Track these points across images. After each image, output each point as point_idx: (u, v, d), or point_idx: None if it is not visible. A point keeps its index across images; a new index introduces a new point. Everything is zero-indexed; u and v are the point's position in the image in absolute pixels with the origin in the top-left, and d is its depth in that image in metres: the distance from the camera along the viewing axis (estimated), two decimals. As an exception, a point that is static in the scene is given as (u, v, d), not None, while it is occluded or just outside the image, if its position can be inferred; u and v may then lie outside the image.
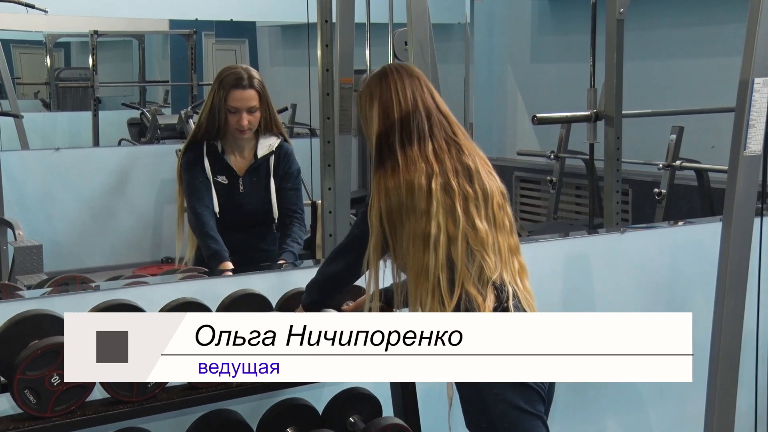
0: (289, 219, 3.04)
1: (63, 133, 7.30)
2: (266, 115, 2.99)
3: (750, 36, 2.22)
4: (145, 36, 8.05)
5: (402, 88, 2.03)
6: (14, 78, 7.19)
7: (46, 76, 7.86)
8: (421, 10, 2.84)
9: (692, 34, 5.58)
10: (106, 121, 6.83)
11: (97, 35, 6.88)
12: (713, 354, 2.37)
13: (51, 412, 1.90)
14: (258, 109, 2.93)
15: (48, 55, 7.85)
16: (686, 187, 4.90)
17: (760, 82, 2.23)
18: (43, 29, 7.50)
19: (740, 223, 2.30)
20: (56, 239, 5.17)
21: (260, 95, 2.93)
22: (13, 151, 5.63)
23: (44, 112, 7.77)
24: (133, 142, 6.73)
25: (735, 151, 2.28)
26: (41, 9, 4.86)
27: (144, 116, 6.72)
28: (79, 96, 7.77)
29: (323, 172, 3.27)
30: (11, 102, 6.25)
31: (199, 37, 7.21)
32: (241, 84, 2.89)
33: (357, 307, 2.26)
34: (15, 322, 1.92)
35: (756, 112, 2.24)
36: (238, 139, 2.96)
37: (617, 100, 3.54)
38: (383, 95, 2.04)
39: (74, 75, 8.00)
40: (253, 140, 3.01)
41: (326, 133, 3.26)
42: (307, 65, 3.46)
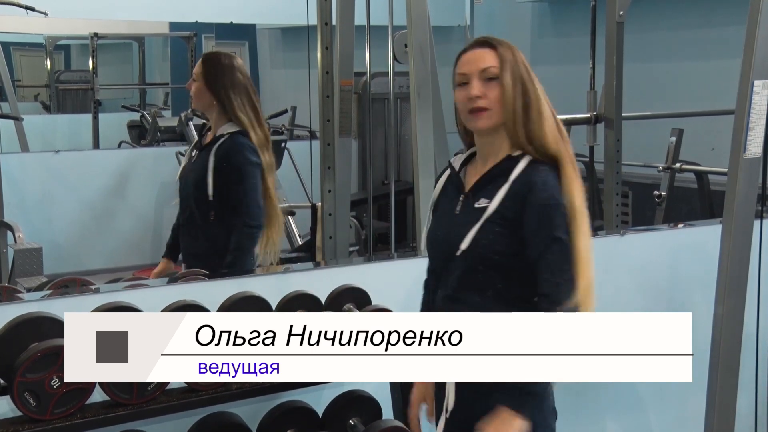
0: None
1: (63, 135, 7.31)
2: (220, 101, 2.94)
3: (750, 38, 2.23)
4: (145, 38, 8.06)
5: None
6: (14, 80, 7.21)
7: (46, 78, 7.87)
8: (421, 12, 2.84)
9: (692, 36, 5.59)
10: (106, 124, 6.83)
11: (97, 38, 6.88)
12: (713, 355, 2.37)
13: (51, 414, 1.89)
14: (198, 83, 2.94)
15: (48, 58, 7.86)
16: (686, 189, 4.90)
17: (760, 84, 2.23)
18: (43, 32, 7.51)
19: (740, 226, 2.31)
20: (56, 241, 5.17)
21: (203, 74, 2.93)
22: (13, 154, 5.64)
23: (44, 114, 7.78)
24: (133, 145, 6.73)
25: (735, 153, 2.28)
26: (41, 11, 4.87)
27: (144, 118, 6.72)
28: (79, 98, 7.78)
29: (323, 175, 3.27)
30: (11, 104, 6.26)
31: (199, 40, 7.21)
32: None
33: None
34: (15, 325, 1.92)
35: (756, 115, 2.25)
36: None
37: (617, 103, 3.55)
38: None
39: (74, 77, 8.02)
40: (217, 121, 2.97)
41: (326, 135, 3.26)
42: (307, 67, 3.46)
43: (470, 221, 1.88)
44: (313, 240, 3.98)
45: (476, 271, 1.89)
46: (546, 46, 6.65)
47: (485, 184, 1.91)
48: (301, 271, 2.75)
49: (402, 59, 3.62)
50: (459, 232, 1.89)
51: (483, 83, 1.86)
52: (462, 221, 1.90)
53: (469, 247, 1.86)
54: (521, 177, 1.88)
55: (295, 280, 2.50)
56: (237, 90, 2.92)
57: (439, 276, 1.96)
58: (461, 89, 1.89)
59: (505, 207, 1.87)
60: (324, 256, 3.31)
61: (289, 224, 5.03)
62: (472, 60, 1.88)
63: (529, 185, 1.87)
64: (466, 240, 1.87)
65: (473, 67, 1.87)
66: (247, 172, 2.87)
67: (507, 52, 1.88)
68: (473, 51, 1.90)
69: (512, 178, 1.87)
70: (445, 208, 1.97)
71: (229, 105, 2.91)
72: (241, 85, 2.93)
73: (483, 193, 1.91)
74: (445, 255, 1.92)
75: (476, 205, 1.90)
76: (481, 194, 1.91)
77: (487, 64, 1.87)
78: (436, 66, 3.31)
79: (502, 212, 1.88)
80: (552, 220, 1.87)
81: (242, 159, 2.87)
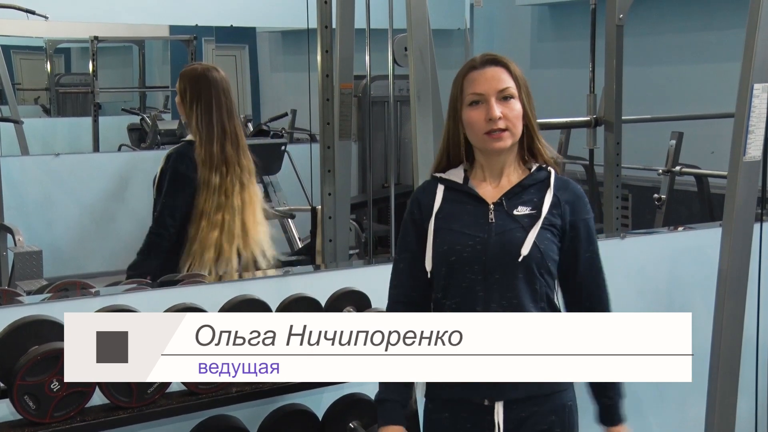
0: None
1: (63, 138, 7.30)
2: (185, 113, 2.97)
3: (749, 42, 2.23)
4: (146, 41, 8.06)
5: None
6: (14, 84, 7.20)
7: (47, 81, 7.87)
8: (421, 15, 2.84)
9: (692, 39, 5.60)
10: (106, 127, 6.82)
11: (98, 41, 6.88)
12: (713, 358, 2.37)
13: (50, 418, 1.89)
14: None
15: (48, 61, 7.85)
16: (686, 192, 4.90)
17: (760, 87, 2.23)
18: (43, 35, 7.50)
19: (740, 229, 2.31)
20: (56, 245, 5.16)
21: (177, 89, 2.95)
22: (14, 157, 5.63)
23: (44, 117, 7.77)
24: (133, 148, 6.73)
25: (735, 156, 2.28)
26: (41, 15, 4.87)
27: (144, 122, 6.73)
28: (80, 101, 7.77)
29: (323, 178, 3.26)
30: (11, 108, 6.26)
31: (199, 43, 7.21)
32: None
33: None
34: (15, 328, 1.92)
35: (755, 118, 2.25)
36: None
37: (617, 106, 3.55)
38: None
39: (74, 81, 8.01)
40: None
41: (326, 138, 3.26)
42: (307, 71, 3.46)
43: (520, 227, 1.87)
44: (313, 243, 3.98)
45: (535, 280, 1.87)
46: (546, 50, 6.66)
47: (518, 192, 1.90)
48: (301, 274, 2.75)
49: (402, 62, 3.62)
50: (510, 238, 1.85)
51: (500, 103, 1.85)
52: (508, 227, 1.87)
53: (530, 252, 1.85)
54: (558, 185, 1.91)
55: (295, 283, 2.50)
56: (201, 104, 2.90)
57: (483, 287, 1.86)
58: (476, 109, 1.87)
59: (552, 214, 1.89)
60: (324, 259, 3.31)
61: (289, 227, 5.04)
62: (488, 79, 1.87)
63: (573, 195, 1.92)
64: (526, 245, 1.84)
65: (490, 88, 1.86)
66: (170, 180, 2.89)
67: (517, 70, 1.90)
68: (485, 70, 1.88)
69: (552, 188, 1.90)
70: (466, 219, 1.89)
71: (188, 119, 2.93)
72: (208, 99, 2.91)
73: (519, 202, 1.90)
74: (499, 262, 1.85)
75: (516, 212, 1.88)
76: (517, 203, 1.89)
77: (505, 85, 1.86)
78: (436, 69, 3.30)
79: (551, 219, 1.89)
80: (593, 233, 1.95)
81: (169, 167, 2.90)
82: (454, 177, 1.95)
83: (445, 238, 1.89)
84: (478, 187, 1.93)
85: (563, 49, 6.42)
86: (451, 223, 1.90)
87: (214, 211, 2.86)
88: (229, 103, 2.94)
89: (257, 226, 2.95)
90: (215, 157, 2.88)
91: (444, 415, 1.92)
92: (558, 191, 1.91)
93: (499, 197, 1.90)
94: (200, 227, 2.86)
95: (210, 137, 2.89)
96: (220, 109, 2.91)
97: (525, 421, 1.87)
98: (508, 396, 1.86)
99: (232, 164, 2.90)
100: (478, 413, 1.88)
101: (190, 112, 2.91)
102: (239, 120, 3.00)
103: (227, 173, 2.89)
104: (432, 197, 1.94)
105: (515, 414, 1.87)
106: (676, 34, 5.67)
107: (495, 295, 1.86)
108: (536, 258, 1.85)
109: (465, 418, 1.89)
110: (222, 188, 2.88)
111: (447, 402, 1.92)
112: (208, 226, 2.86)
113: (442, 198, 1.93)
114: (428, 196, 1.95)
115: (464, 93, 1.88)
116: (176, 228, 2.88)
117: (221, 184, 2.88)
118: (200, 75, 2.92)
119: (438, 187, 1.94)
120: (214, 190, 2.87)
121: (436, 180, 1.96)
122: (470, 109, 1.87)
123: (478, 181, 1.94)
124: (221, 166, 2.88)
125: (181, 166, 2.88)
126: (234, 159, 2.91)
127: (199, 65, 3.01)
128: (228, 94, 2.95)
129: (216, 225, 2.86)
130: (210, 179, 2.87)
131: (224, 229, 2.86)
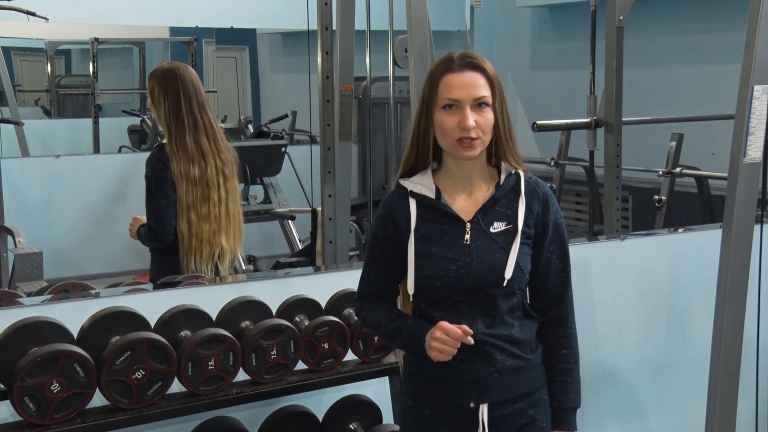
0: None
1: (63, 140, 7.30)
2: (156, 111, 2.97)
3: (749, 44, 2.23)
4: (146, 43, 8.05)
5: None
6: (15, 85, 7.19)
7: (47, 83, 7.86)
8: (422, 17, 2.84)
9: (692, 41, 5.60)
10: (106, 128, 6.82)
11: (98, 42, 6.88)
12: (714, 361, 2.37)
13: (50, 419, 1.89)
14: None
15: (49, 63, 7.85)
16: (686, 194, 4.90)
17: (760, 89, 2.23)
18: (43, 36, 7.50)
19: (740, 230, 2.31)
20: (56, 246, 5.16)
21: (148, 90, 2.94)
22: (14, 158, 5.62)
23: (45, 119, 7.76)
24: (134, 149, 6.73)
25: (735, 158, 2.28)
26: (42, 16, 4.88)
27: (144, 123, 6.73)
28: (80, 103, 7.77)
29: (323, 179, 3.26)
30: (12, 109, 6.25)
31: (200, 45, 7.21)
32: None
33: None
34: (15, 329, 1.92)
35: (756, 120, 2.25)
36: None
37: (617, 107, 3.55)
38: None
39: (75, 82, 8.01)
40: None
41: (326, 139, 3.26)
42: (308, 72, 3.46)
43: (500, 247, 1.84)
44: (314, 244, 3.98)
45: (514, 295, 1.86)
46: (546, 51, 6.66)
47: (491, 206, 1.87)
48: (302, 276, 2.76)
49: (402, 64, 3.63)
50: (492, 261, 1.83)
51: (474, 111, 1.80)
52: (489, 249, 1.84)
53: (513, 274, 1.83)
54: (528, 192, 1.89)
55: (296, 284, 2.50)
56: (169, 97, 2.89)
57: (468, 305, 1.84)
58: (450, 114, 1.81)
59: (527, 226, 1.88)
60: (324, 260, 3.31)
61: (289, 228, 5.04)
62: (465, 86, 1.81)
63: (542, 199, 1.90)
64: (509, 268, 1.83)
65: (467, 95, 1.80)
66: (147, 183, 2.93)
67: (493, 72, 1.84)
68: (463, 74, 1.81)
69: (523, 196, 1.88)
70: (446, 241, 1.85)
71: (158, 115, 2.93)
72: (175, 92, 2.88)
73: (494, 217, 1.87)
74: (482, 285, 1.83)
75: (493, 230, 1.85)
76: (492, 218, 1.87)
77: (481, 93, 1.81)
78: (436, 71, 3.30)
79: (527, 232, 1.88)
80: (563, 232, 1.93)
81: (146, 171, 2.93)
82: (426, 190, 1.89)
83: (427, 263, 1.85)
84: (451, 202, 1.88)
85: (563, 51, 6.42)
86: (431, 246, 1.86)
87: (201, 202, 2.88)
88: (200, 96, 2.92)
89: (239, 215, 3.00)
90: (190, 149, 2.87)
91: (425, 412, 1.91)
92: (529, 199, 1.88)
93: (474, 214, 1.86)
94: (190, 221, 2.87)
95: (180, 129, 2.87)
96: (189, 101, 2.89)
97: (507, 418, 1.88)
98: (492, 398, 1.86)
99: (211, 157, 2.90)
100: (461, 412, 1.88)
101: (159, 107, 2.90)
102: (213, 113, 2.98)
103: (206, 166, 2.88)
104: (406, 215, 1.89)
105: (498, 412, 1.88)
106: (676, 36, 5.67)
107: (478, 309, 1.85)
108: (518, 278, 1.85)
109: (448, 416, 1.89)
110: (203, 180, 2.88)
111: (430, 401, 1.91)
112: (197, 219, 2.87)
113: (416, 215, 1.87)
114: (402, 213, 1.89)
115: (439, 95, 1.83)
116: (163, 227, 2.89)
117: (202, 176, 2.88)
118: (167, 71, 2.91)
119: (410, 201, 1.89)
120: (195, 183, 2.87)
121: (405, 192, 1.90)
122: (444, 112, 1.82)
123: (450, 194, 1.89)
124: (199, 160, 2.87)
125: (156, 170, 2.89)
126: (213, 152, 2.90)
127: (167, 63, 3.01)
128: (198, 88, 2.93)
129: (206, 217, 2.88)
130: (188, 172, 2.86)
131: (213, 220, 2.89)
